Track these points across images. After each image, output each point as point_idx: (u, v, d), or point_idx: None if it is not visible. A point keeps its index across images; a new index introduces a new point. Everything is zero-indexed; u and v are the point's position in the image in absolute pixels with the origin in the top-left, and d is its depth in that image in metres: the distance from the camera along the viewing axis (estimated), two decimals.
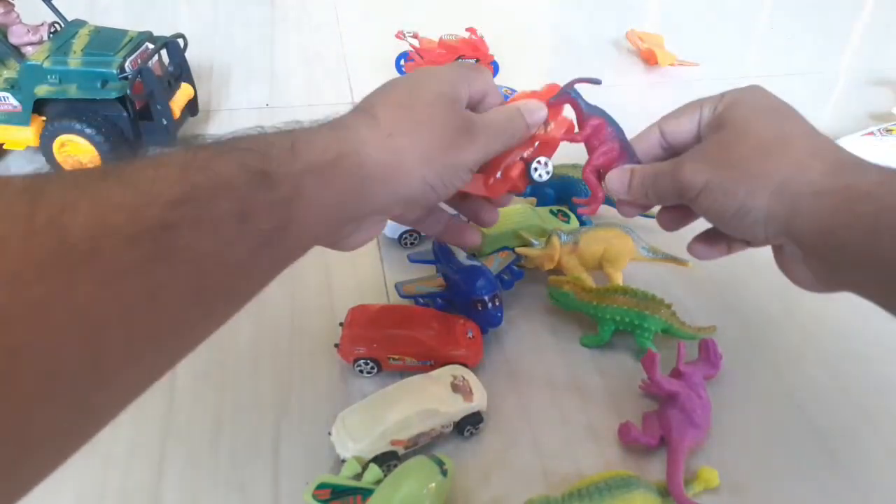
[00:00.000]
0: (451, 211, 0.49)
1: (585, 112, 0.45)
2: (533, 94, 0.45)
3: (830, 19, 1.23)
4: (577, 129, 0.46)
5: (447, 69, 0.44)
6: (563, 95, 0.45)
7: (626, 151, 0.46)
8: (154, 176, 0.27)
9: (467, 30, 0.90)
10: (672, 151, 0.46)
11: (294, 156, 0.33)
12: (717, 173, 0.40)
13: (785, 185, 0.38)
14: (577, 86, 0.45)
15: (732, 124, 0.42)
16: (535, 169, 0.44)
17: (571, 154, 0.71)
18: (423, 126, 0.39)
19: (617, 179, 0.46)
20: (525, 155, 0.45)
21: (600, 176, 0.47)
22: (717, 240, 0.46)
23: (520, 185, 0.45)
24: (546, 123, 0.45)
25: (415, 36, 0.90)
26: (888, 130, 0.76)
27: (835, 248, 0.37)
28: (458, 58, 0.89)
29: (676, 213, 0.47)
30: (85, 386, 0.24)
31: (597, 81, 0.45)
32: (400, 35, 0.89)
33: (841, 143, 0.76)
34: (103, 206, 0.24)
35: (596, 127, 0.45)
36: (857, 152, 0.75)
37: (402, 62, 0.91)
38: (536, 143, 0.45)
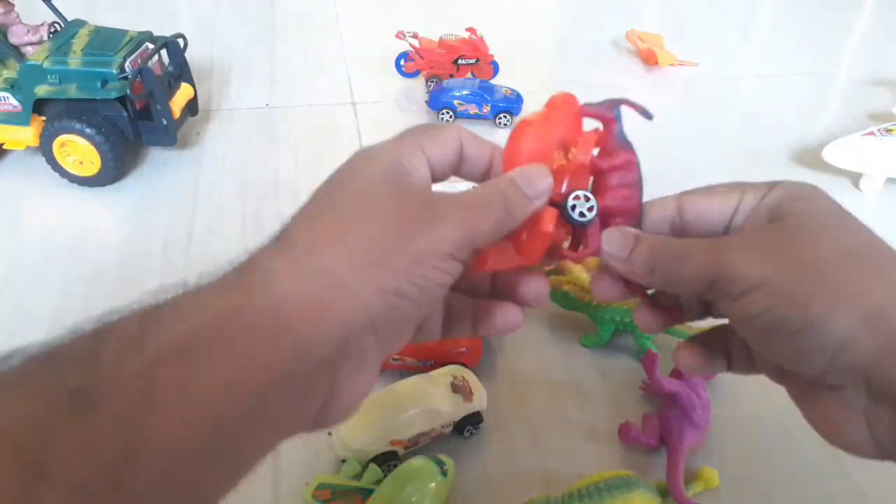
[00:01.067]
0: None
1: (619, 140, 0.34)
2: (540, 118, 0.32)
3: (830, 19, 1.23)
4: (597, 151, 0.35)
5: (388, 141, 0.31)
6: (607, 107, 0.34)
7: (640, 209, 0.34)
8: None
9: (467, 30, 0.90)
10: (684, 235, 0.34)
11: (142, 343, 0.23)
12: (784, 273, 0.28)
13: (885, 310, 0.27)
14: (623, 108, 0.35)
15: (800, 218, 0.30)
16: (573, 207, 0.31)
17: None
18: (355, 223, 0.28)
19: (615, 242, 0.32)
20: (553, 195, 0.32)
21: (604, 222, 0.33)
22: (717, 352, 0.34)
23: (559, 235, 0.32)
24: (566, 148, 0.33)
25: (415, 36, 0.90)
26: (888, 130, 0.76)
27: None
28: (459, 58, 0.89)
29: (667, 312, 0.34)
30: None
31: (649, 116, 0.34)
32: (400, 35, 0.90)
33: (841, 143, 0.76)
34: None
35: (626, 162, 0.33)
36: (857, 152, 0.75)
37: (402, 62, 0.91)
38: (565, 178, 0.32)
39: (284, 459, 0.47)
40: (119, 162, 0.70)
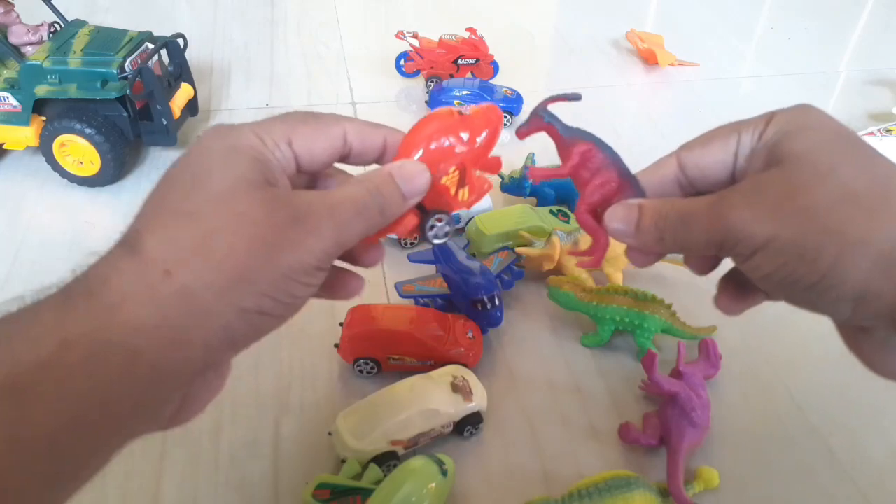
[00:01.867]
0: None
1: (567, 138, 0.33)
2: (455, 120, 0.31)
3: (830, 19, 1.23)
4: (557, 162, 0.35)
5: (249, 128, 0.28)
6: (535, 121, 0.33)
7: (627, 181, 0.33)
8: None
9: (467, 30, 0.90)
10: (694, 192, 0.32)
11: None
12: (789, 227, 0.27)
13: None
14: (551, 107, 0.34)
15: (799, 160, 0.28)
16: (432, 227, 0.31)
17: None
18: (218, 236, 0.25)
19: (620, 219, 0.31)
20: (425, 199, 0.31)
21: (598, 216, 0.33)
22: (754, 291, 0.33)
23: (409, 235, 0.32)
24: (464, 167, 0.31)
25: (415, 36, 0.90)
26: (888, 130, 0.76)
27: None
28: (458, 58, 0.89)
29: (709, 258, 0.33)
30: None
31: (576, 97, 0.34)
32: (400, 35, 0.90)
33: None
34: None
35: (584, 154, 0.33)
36: None
37: (402, 62, 0.91)
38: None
39: (284, 459, 0.47)
40: (119, 162, 0.70)
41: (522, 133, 0.33)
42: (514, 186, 0.69)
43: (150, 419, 0.26)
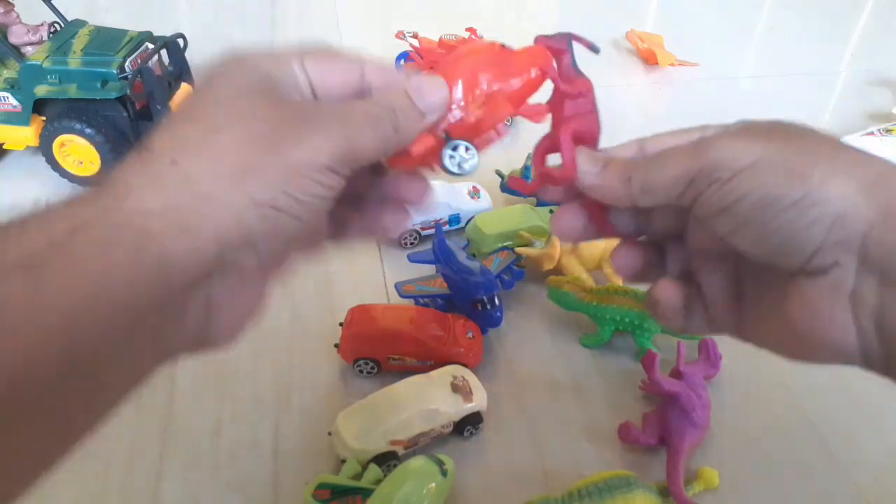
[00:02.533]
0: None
1: (574, 70, 0.32)
2: (497, 55, 0.30)
3: (830, 19, 1.23)
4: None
5: (265, 50, 0.29)
6: (560, 39, 0.32)
7: (599, 136, 0.33)
8: None
9: (467, 30, 0.90)
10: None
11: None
12: (777, 150, 0.27)
13: (883, 176, 0.26)
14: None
15: (769, 124, 0.29)
16: (451, 157, 0.30)
17: None
18: (222, 130, 0.25)
19: (588, 159, 0.31)
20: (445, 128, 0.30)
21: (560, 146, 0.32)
22: (654, 256, 0.32)
23: (430, 162, 0.31)
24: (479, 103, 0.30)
25: (415, 36, 0.90)
26: (888, 130, 0.76)
27: None
28: None
29: (643, 249, 0.33)
30: None
31: (596, 49, 0.32)
32: (400, 35, 0.89)
33: None
34: None
35: (585, 89, 0.32)
36: None
37: (401, 62, 0.91)
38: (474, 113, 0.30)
39: (284, 459, 0.47)
40: (119, 162, 0.70)
41: (542, 39, 0.32)
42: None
43: (172, 325, 0.25)
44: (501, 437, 0.49)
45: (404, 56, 0.90)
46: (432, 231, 0.63)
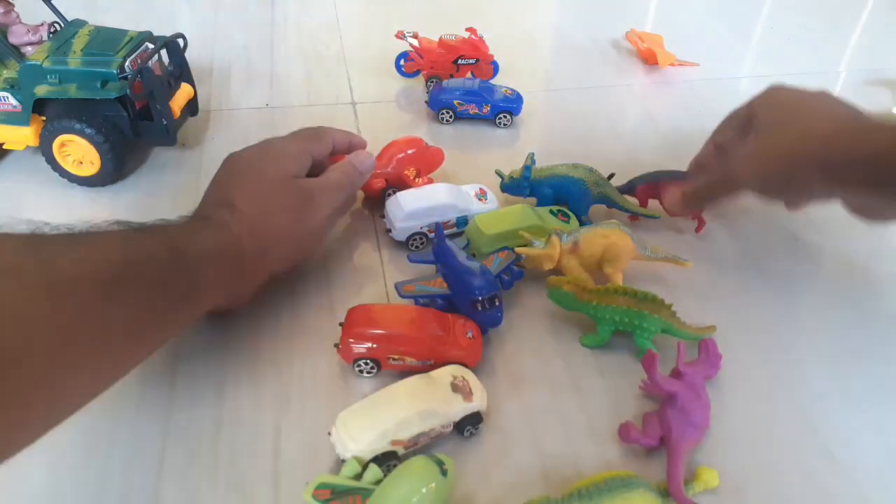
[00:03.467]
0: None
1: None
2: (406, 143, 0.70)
3: (830, 19, 1.23)
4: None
5: (289, 144, 0.58)
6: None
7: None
8: (106, 243, 0.41)
9: (467, 30, 0.90)
10: (722, 151, 0.63)
11: (195, 242, 0.46)
12: (770, 169, 0.54)
13: (827, 160, 0.51)
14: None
15: (767, 121, 0.57)
16: (390, 194, 0.63)
17: (570, 154, 0.71)
18: (273, 215, 0.51)
19: (673, 202, 0.65)
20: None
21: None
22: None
23: (376, 195, 0.68)
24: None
25: (415, 36, 0.90)
26: None
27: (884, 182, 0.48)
28: (458, 58, 0.89)
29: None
30: (61, 377, 0.36)
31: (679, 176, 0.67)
32: (400, 35, 0.89)
33: None
34: (78, 259, 0.38)
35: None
36: None
37: (401, 62, 0.91)
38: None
39: (284, 459, 0.47)
40: (119, 162, 0.70)
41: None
42: (514, 186, 0.69)
43: (230, 293, 0.52)
44: (501, 437, 0.49)
45: (404, 56, 0.91)
46: None
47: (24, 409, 0.34)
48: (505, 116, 0.83)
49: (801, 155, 0.52)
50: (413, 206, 0.63)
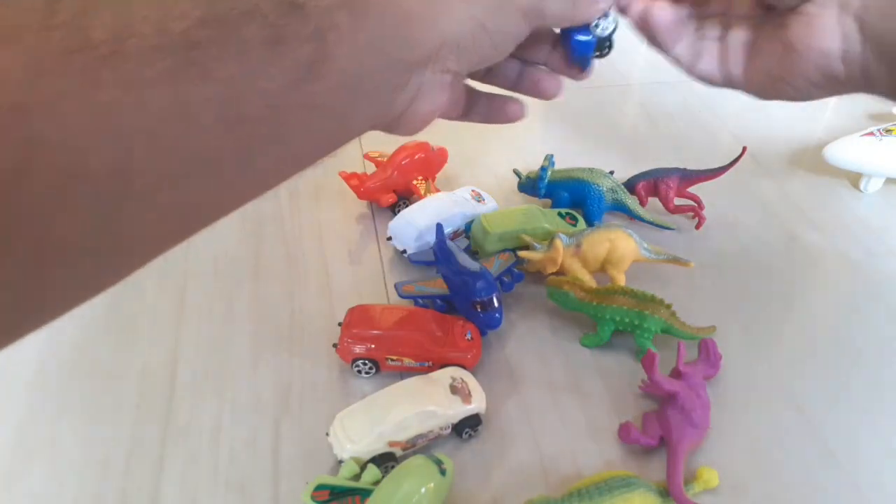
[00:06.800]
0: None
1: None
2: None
3: None
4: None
5: None
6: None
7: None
8: None
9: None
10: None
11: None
12: None
13: None
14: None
15: None
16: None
17: (571, 153, 0.71)
18: None
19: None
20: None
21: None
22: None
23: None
24: None
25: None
26: (888, 130, 0.76)
27: None
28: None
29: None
30: (109, 198, 0.22)
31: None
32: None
33: (841, 143, 0.76)
34: (126, 15, 0.23)
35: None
36: (857, 152, 0.75)
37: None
38: None
39: (284, 460, 0.47)
40: None
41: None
42: (530, 187, 0.68)
43: (389, 95, 0.32)
44: (501, 437, 0.49)
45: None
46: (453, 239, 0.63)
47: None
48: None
49: None
50: (423, 223, 0.62)
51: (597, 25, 0.37)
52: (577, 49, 0.37)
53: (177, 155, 0.24)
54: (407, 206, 0.66)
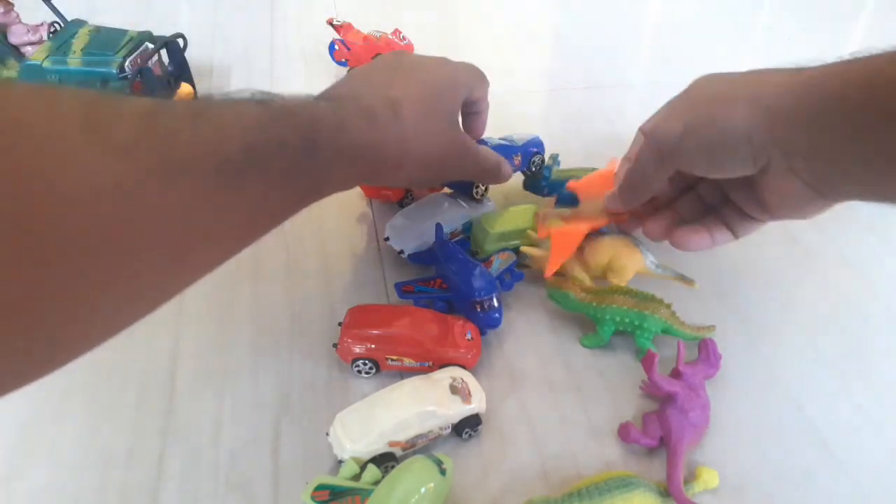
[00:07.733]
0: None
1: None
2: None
3: (830, 19, 1.23)
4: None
5: (466, 71, 0.54)
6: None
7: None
8: (233, 121, 0.35)
9: (393, 33, 0.91)
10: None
11: (339, 134, 0.41)
12: (691, 114, 0.45)
13: (756, 97, 0.42)
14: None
15: (689, 90, 0.49)
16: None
17: (570, 153, 0.71)
18: (433, 141, 0.48)
19: (611, 201, 0.54)
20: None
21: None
22: (698, 229, 0.50)
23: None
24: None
25: (340, 27, 0.91)
26: None
27: (826, 126, 0.39)
28: (377, 55, 0.88)
29: (662, 218, 0.52)
30: (167, 261, 0.32)
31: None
32: (330, 21, 0.91)
33: None
34: (198, 139, 0.32)
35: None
36: None
37: (333, 51, 0.92)
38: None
39: (284, 459, 0.47)
40: None
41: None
42: (534, 185, 0.68)
43: (384, 166, 0.47)
44: (501, 437, 0.49)
45: (333, 46, 0.91)
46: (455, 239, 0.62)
47: (128, 292, 0.31)
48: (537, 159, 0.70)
49: (728, 96, 0.43)
50: (422, 224, 0.61)
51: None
52: None
53: (213, 242, 0.36)
54: (413, 201, 0.66)
